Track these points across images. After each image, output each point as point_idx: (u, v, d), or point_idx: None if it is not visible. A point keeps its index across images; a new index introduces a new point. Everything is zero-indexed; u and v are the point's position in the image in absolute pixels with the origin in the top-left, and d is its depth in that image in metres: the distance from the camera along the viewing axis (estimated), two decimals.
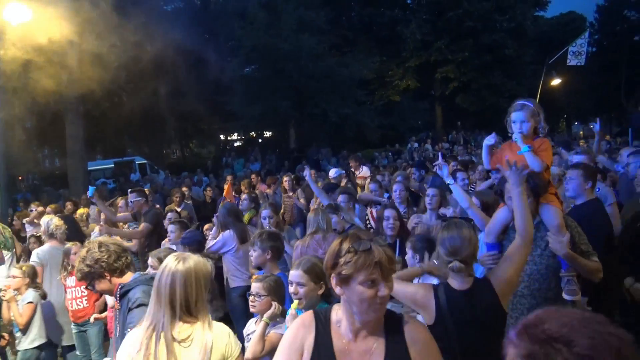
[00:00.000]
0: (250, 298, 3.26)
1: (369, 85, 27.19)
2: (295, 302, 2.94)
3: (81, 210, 8.07)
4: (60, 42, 9.99)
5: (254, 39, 22.14)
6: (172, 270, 2.35)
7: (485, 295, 2.63)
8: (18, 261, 6.55)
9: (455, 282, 2.69)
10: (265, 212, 5.55)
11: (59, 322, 5.25)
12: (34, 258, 5.42)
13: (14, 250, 6.39)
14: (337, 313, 1.99)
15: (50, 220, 5.67)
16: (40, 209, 8.02)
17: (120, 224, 7.19)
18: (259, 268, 4.14)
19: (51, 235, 5.57)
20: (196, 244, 5.00)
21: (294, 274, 2.97)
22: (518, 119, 3.60)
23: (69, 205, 9.00)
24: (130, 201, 6.86)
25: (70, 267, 5.10)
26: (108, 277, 2.90)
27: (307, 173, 6.46)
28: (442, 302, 2.63)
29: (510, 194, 3.10)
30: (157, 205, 8.12)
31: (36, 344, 4.91)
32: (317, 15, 24.25)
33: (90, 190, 6.97)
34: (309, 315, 2.06)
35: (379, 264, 1.81)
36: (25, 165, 21.40)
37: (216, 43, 22.53)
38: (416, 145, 22.92)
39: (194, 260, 2.43)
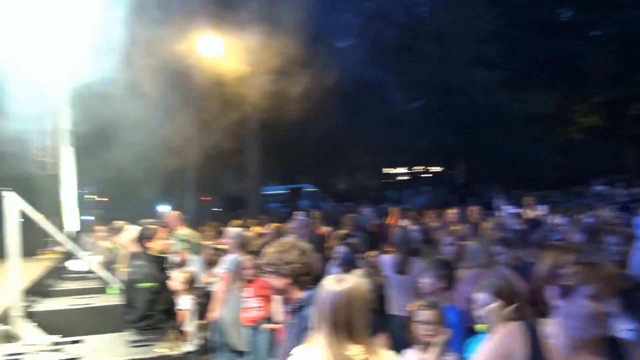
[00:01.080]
0: (423, 327, 3.10)
1: (546, 122, 25.36)
2: (483, 325, 2.76)
3: (256, 228, 8.71)
4: (248, 74, 10.99)
5: (424, 73, 22.18)
6: (332, 291, 2.32)
7: None
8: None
9: None
10: (447, 239, 5.42)
11: (237, 327, 5.55)
12: (225, 265, 5.80)
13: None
14: (547, 327, 1.88)
15: (243, 232, 6.07)
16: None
17: None
18: (425, 295, 3.95)
19: (241, 246, 5.92)
20: (347, 264, 4.97)
21: (481, 297, 2.76)
22: None
23: (251, 222, 9.80)
24: (297, 219, 7.21)
25: (244, 280, 5.41)
26: (289, 282, 2.90)
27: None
28: None
29: None
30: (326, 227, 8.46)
31: (189, 349, 5.17)
32: (490, 48, 23.49)
33: None
34: (516, 326, 1.94)
35: (607, 278, 1.73)
36: (212, 189, 23.76)
37: (386, 77, 23.04)
38: (603, 188, 20.56)
39: (352, 281, 2.38)
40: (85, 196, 24.16)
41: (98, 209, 23.07)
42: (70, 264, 7.31)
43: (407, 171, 32.67)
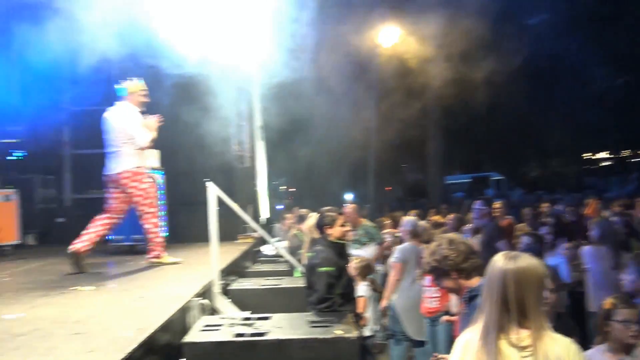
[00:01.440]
0: (621, 327, 2.72)
1: None
2: None
3: (435, 217, 8.55)
4: (430, 61, 10.74)
5: (632, 43, 19.50)
6: (502, 268, 2.13)
7: None
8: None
9: None
10: None
11: (414, 316, 5.51)
12: (396, 254, 5.85)
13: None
14: None
15: (416, 220, 6.06)
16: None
17: None
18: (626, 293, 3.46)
19: (415, 234, 5.89)
20: (532, 253, 4.55)
21: None
22: None
23: (432, 212, 9.70)
24: (476, 208, 7.09)
25: (423, 269, 5.34)
26: (454, 276, 2.82)
27: None
28: None
29: None
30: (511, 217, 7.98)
31: (366, 334, 5.24)
32: None
33: None
34: None
35: None
36: (394, 178, 24.00)
37: (584, 52, 20.74)
38: None
39: (525, 259, 2.17)
40: (280, 187, 26.38)
41: (288, 199, 24.98)
42: (263, 249, 7.99)
43: (611, 156, 29.18)
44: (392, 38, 10.40)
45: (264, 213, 10.35)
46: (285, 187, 28.22)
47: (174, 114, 8.57)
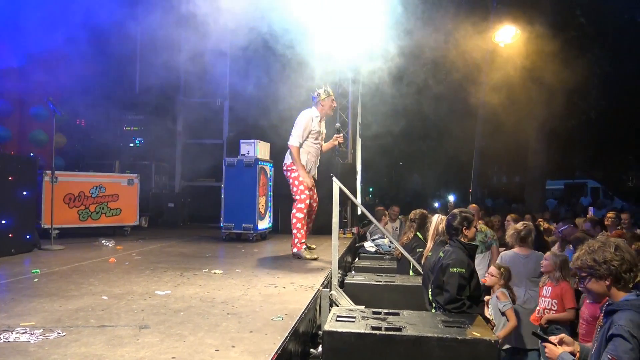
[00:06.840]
0: None
1: None
2: None
3: (546, 225, 8.29)
4: (541, 61, 10.33)
5: None
6: None
7: None
8: None
9: None
10: None
11: (523, 326, 5.34)
12: (497, 260, 5.73)
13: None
14: None
15: (524, 226, 5.84)
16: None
17: None
18: None
19: (522, 240, 5.72)
20: None
21: None
22: None
23: (527, 217, 9.33)
24: (558, 231, 6.89)
25: (547, 277, 5.14)
26: (607, 283, 2.70)
27: None
28: None
29: None
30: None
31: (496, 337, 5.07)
32: None
33: None
34: None
35: None
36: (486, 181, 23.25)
37: None
38: None
39: None
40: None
41: (367, 197, 24.97)
42: (366, 245, 8.08)
43: None
44: (504, 38, 10.08)
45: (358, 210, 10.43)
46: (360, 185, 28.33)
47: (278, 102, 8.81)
